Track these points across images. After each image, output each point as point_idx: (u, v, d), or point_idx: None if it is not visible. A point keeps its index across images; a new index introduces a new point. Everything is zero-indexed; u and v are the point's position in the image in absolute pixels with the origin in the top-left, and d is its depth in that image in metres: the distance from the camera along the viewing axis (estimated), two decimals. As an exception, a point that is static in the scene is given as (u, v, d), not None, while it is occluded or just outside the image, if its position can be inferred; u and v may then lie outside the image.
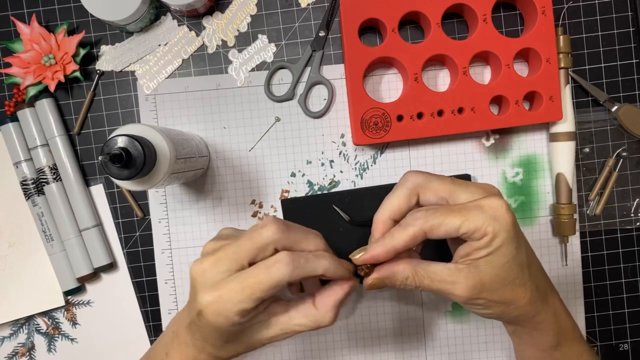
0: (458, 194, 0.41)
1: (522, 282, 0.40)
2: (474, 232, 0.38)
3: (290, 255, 0.37)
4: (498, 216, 0.38)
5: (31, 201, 0.56)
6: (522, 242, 0.40)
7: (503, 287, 0.39)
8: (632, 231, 0.57)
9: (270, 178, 0.57)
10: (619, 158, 0.56)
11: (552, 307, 0.43)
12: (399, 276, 0.40)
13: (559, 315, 0.43)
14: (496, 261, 0.39)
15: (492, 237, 0.38)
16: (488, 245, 0.38)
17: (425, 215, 0.39)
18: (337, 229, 0.54)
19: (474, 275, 0.39)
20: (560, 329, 0.43)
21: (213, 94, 0.56)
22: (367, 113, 0.53)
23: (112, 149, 0.39)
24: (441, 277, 0.40)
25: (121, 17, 0.52)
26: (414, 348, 0.57)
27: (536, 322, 0.42)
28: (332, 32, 0.56)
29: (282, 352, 0.57)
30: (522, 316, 0.42)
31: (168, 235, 0.57)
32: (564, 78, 0.55)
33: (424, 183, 0.41)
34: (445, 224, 0.38)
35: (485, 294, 0.39)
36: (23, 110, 0.56)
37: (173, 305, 0.57)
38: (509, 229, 0.38)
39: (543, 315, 0.42)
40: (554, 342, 0.43)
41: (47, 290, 0.57)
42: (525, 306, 0.41)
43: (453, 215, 0.38)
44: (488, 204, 0.38)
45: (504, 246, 0.38)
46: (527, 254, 0.41)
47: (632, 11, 0.56)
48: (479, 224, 0.38)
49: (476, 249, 0.39)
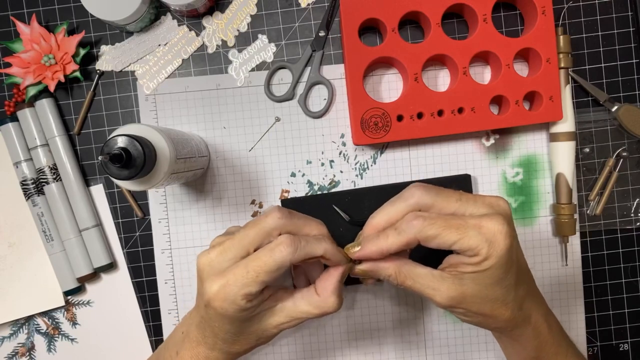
0: (464, 211, 0.40)
1: (504, 303, 0.40)
2: (466, 250, 0.38)
3: (291, 237, 0.38)
4: (494, 241, 0.37)
5: (31, 201, 0.56)
6: (514, 265, 0.40)
7: (483, 303, 0.40)
8: (632, 231, 0.57)
9: (270, 178, 0.57)
10: (619, 158, 0.56)
11: (533, 324, 0.43)
12: (382, 272, 0.42)
13: (540, 331, 0.43)
14: (482, 280, 0.39)
15: (483, 259, 0.38)
16: (477, 264, 0.38)
17: (422, 225, 0.38)
18: (337, 229, 0.54)
19: (457, 287, 0.39)
20: (540, 344, 0.43)
21: (213, 94, 0.56)
22: (367, 113, 0.53)
23: (112, 149, 0.39)
24: (424, 282, 0.40)
25: (121, 17, 0.52)
26: (414, 348, 0.57)
27: (515, 335, 0.43)
28: (332, 32, 0.56)
29: (282, 352, 0.57)
30: (500, 328, 0.42)
31: (168, 235, 0.57)
32: (564, 78, 0.55)
33: (429, 202, 0.40)
34: (440, 238, 0.38)
35: (464, 304, 0.40)
36: (23, 110, 0.56)
37: (173, 305, 0.57)
38: (502, 255, 0.38)
39: (521, 330, 0.42)
40: (534, 355, 0.44)
41: (47, 290, 0.57)
42: (503, 322, 0.41)
43: (449, 231, 0.38)
44: (487, 226, 0.38)
45: (493, 269, 0.38)
46: (517, 275, 0.40)
47: (632, 11, 0.56)
48: (473, 245, 0.37)
49: (465, 263, 0.39)
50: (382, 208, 0.43)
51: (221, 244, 0.40)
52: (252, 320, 0.41)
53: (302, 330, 0.57)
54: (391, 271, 0.41)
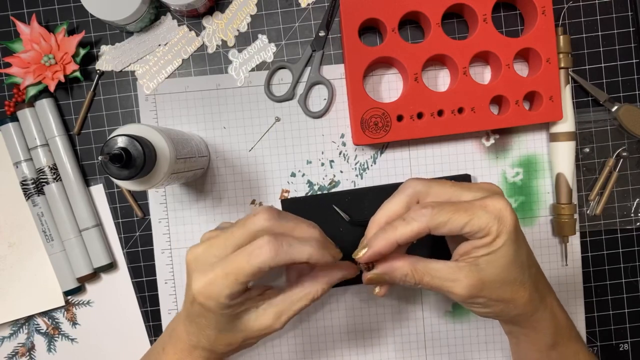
0: (460, 196, 0.40)
1: (521, 282, 0.40)
2: (477, 231, 0.38)
3: (272, 241, 0.37)
4: (502, 217, 0.38)
5: (31, 201, 0.56)
6: (523, 243, 0.40)
7: (503, 286, 0.40)
8: (632, 231, 0.57)
9: (270, 178, 0.57)
10: (619, 158, 0.56)
11: (550, 307, 0.43)
12: (398, 272, 0.40)
13: (556, 314, 0.44)
14: (497, 261, 0.39)
15: (495, 237, 0.38)
16: (490, 244, 0.38)
17: (432, 213, 0.38)
18: (337, 229, 0.54)
19: (475, 273, 0.39)
20: (557, 328, 0.43)
21: (213, 94, 0.56)
22: (367, 113, 0.53)
23: (112, 149, 0.39)
24: (441, 275, 0.39)
25: (121, 17, 0.52)
26: (414, 348, 0.57)
27: (534, 321, 0.43)
28: (332, 32, 0.56)
29: (282, 352, 0.57)
30: (521, 315, 0.42)
31: (168, 235, 0.57)
32: (564, 78, 0.55)
33: (425, 189, 0.41)
34: (451, 222, 0.38)
35: (485, 292, 0.39)
36: (23, 110, 0.56)
37: (173, 305, 0.57)
38: (512, 230, 0.38)
39: (541, 314, 0.42)
40: (551, 342, 0.44)
41: (47, 290, 0.57)
42: (524, 305, 0.41)
43: (459, 213, 0.38)
44: (492, 204, 0.38)
45: (505, 247, 0.38)
46: (527, 254, 0.41)
47: (632, 11, 0.56)
48: (483, 224, 0.38)
49: (477, 247, 0.39)
50: (381, 207, 0.42)
51: (209, 240, 0.40)
52: (238, 319, 0.41)
53: (302, 329, 0.57)
54: (407, 269, 0.40)
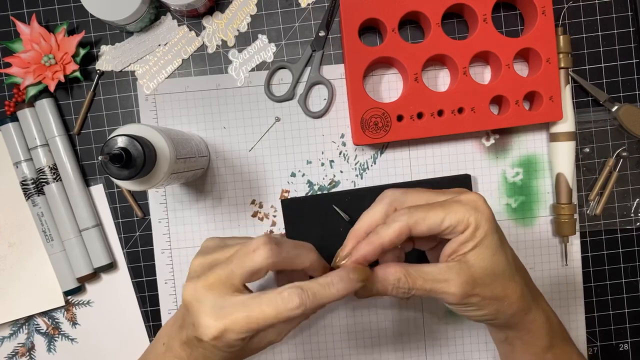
0: (435, 199, 0.42)
1: (511, 276, 0.41)
2: (457, 224, 0.39)
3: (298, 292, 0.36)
4: (478, 207, 0.39)
5: (31, 201, 0.56)
6: (504, 239, 0.42)
7: (494, 281, 0.40)
8: (632, 231, 0.57)
9: (270, 178, 0.57)
10: (619, 158, 0.56)
11: (542, 307, 0.44)
12: (390, 278, 0.40)
13: (549, 315, 0.44)
14: (483, 253, 0.40)
15: (475, 228, 0.39)
16: (472, 236, 0.39)
17: (409, 212, 0.39)
18: (337, 229, 0.54)
19: (465, 270, 0.39)
20: (551, 329, 0.44)
21: (213, 94, 0.56)
22: (367, 113, 0.53)
23: (112, 149, 0.39)
24: (433, 277, 0.40)
25: (121, 17, 0.52)
26: (414, 348, 0.57)
27: (528, 322, 0.43)
28: (332, 32, 0.56)
29: (282, 352, 0.57)
30: (515, 315, 0.42)
31: (168, 235, 0.57)
32: (564, 78, 0.55)
33: (401, 197, 0.42)
34: (429, 217, 0.39)
35: (477, 289, 0.40)
36: (23, 110, 0.56)
37: (173, 305, 0.57)
38: (490, 219, 0.40)
39: (534, 313, 0.43)
40: (547, 344, 0.44)
41: (47, 290, 0.57)
42: (517, 301, 0.41)
43: (435, 209, 0.39)
44: (467, 198, 0.40)
45: (488, 236, 0.39)
46: (510, 251, 0.42)
47: (632, 11, 0.56)
48: (461, 216, 0.39)
49: (461, 243, 0.40)
50: (360, 218, 0.43)
51: (206, 278, 0.38)
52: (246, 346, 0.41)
53: (303, 331, 0.57)
54: (400, 274, 0.40)
